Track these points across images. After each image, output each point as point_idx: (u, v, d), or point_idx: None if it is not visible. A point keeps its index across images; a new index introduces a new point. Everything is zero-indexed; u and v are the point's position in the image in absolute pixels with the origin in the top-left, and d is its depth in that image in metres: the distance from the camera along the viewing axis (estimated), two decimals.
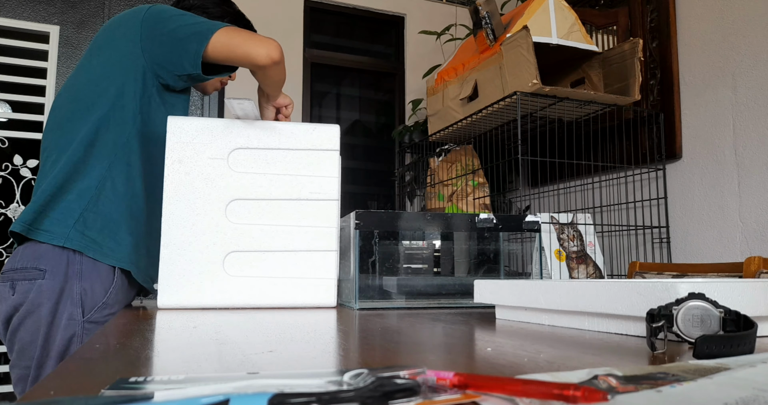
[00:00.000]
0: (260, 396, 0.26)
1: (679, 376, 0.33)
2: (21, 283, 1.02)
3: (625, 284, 0.56)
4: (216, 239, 1.01)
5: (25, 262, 1.02)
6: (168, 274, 0.99)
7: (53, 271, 1.01)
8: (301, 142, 1.06)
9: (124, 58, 1.09)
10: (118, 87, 1.08)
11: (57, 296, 1.01)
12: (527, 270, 1.31)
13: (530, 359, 0.43)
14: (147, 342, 0.55)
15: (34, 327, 1.01)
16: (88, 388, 0.33)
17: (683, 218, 2.07)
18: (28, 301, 1.01)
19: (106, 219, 1.05)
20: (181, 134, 1.03)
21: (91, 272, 1.03)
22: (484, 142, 2.39)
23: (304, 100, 2.86)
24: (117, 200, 1.06)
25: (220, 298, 1.01)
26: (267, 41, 1.04)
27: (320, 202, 1.06)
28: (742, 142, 1.88)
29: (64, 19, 2.53)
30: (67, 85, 1.14)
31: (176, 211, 1.01)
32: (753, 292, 0.52)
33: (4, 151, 2.37)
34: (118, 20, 1.14)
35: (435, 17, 3.14)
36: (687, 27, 2.08)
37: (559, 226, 1.71)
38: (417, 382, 0.30)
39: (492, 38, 2.02)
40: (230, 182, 1.03)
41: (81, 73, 1.13)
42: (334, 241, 1.06)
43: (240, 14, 1.32)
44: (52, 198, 1.04)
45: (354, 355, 0.47)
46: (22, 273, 1.02)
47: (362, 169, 3.06)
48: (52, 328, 1.01)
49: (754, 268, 1.41)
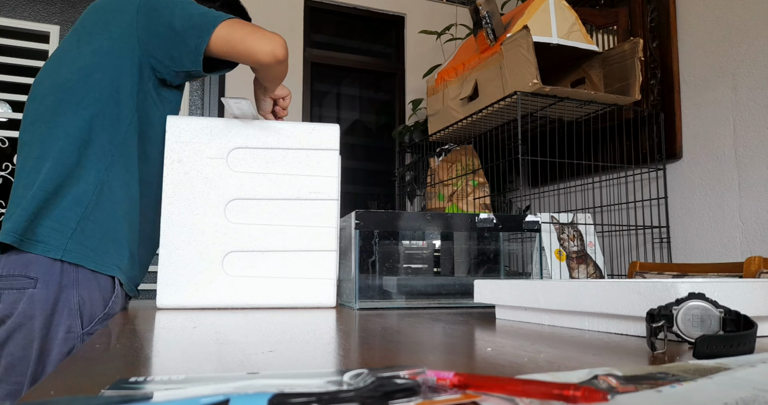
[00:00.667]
0: (260, 396, 0.26)
1: (679, 376, 0.33)
2: (8, 293, 0.93)
3: (625, 284, 0.56)
4: (215, 239, 1.01)
5: (12, 269, 0.93)
6: (167, 274, 0.99)
7: (46, 280, 0.93)
8: (300, 141, 1.06)
9: (118, 49, 1.00)
10: (112, 80, 0.99)
11: (51, 307, 0.93)
12: (527, 270, 1.31)
13: (530, 359, 0.43)
14: (147, 342, 0.55)
15: (26, 341, 0.92)
16: (88, 388, 0.33)
17: (683, 218, 2.07)
18: (18, 313, 0.92)
19: (105, 228, 0.98)
20: (180, 134, 1.03)
21: (89, 281, 0.96)
22: (485, 142, 2.39)
23: (304, 99, 2.86)
24: (115, 207, 0.99)
25: (220, 298, 1.00)
26: (272, 37, 0.98)
27: (320, 202, 1.06)
28: (743, 142, 1.88)
29: (64, 19, 2.53)
30: (50, 72, 1.03)
31: (175, 211, 1.01)
32: (753, 292, 0.52)
33: (4, 151, 2.37)
34: (111, 3, 1.04)
35: (435, 17, 3.14)
36: (687, 27, 2.08)
37: (559, 226, 1.71)
38: (417, 382, 0.30)
39: (492, 38, 2.02)
40: (230, 182, 1.03)
41: (68, 60, 1.02)
42: (334, 241, 1.06)
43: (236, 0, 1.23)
44: (45, 204, 0.94)
45: (354, 355, 0.47)
46: (8, 281, 0.93)
47: (362, 169, 3.06)
48: (47, 341, 0.93)
49: (755, 268, 1.41)
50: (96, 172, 0.98)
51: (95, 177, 0.98)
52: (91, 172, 0.98)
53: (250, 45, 0.97)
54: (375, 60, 3.11)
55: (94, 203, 0.97)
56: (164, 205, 1.01)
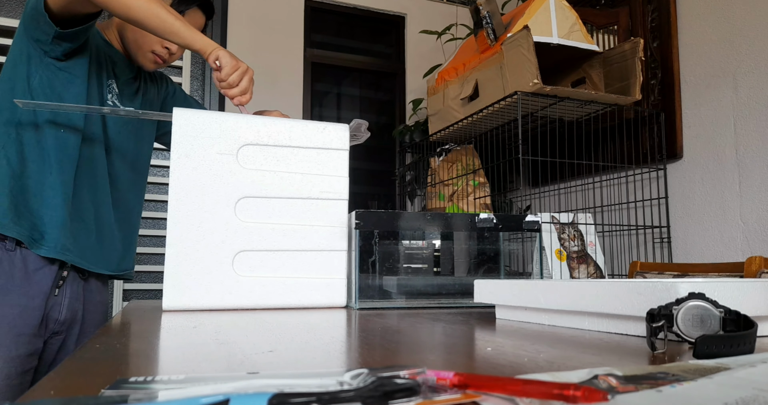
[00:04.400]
0: (260, 396, 0.26)
1: (679, 376, 0.33)
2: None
3: (625, 284, 0.56)
4: (225, 238, 0.98)
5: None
6: (173, 275, 0.95)
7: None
8: (311, 140, 1.05)
9: (17, 47, 1.15)
10: (11, 70, 1.14)
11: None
12: (527, 270, 1.31)
13: (530, 359, 0.43)
14: (147, 342, 0.55)
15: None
16: (88, 388, 0.33)
17: (684, 218, 2.07)
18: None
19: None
20: (187, 127, 0.99)
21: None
22: (485, 142, 2.39)
23: (305, 99, 2.86)
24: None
25: (229, 299, 0.97)
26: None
27: (330, 202, 1.05)
28: (743, 142, 1.88)
29: None
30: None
31: (182, 208, 0.97)
32: (753, 292, 0.52)
33: None
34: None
35: (435, 17, 3.14)
36: (688, 27, 2.08)
37: (559, 226, 1.71)
38: (417, 382, 0.30)
39: (493, 38, 2.02)
40: (240, 179, 1.00)
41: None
42: (344, 240, 1.05)
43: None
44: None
45: (354, 355, 0.47)
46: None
47: (363, 169, 3.06)
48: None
49: (755, 268, 1.41)
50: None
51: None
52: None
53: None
54: (375, 60, 3.11)
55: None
56: (171, 201, 0.97)
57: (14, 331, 1.06)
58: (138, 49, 1.26)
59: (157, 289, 2.53)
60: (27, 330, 1.08)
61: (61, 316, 1.15)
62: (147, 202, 2.60)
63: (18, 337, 1.06)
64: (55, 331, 1.15)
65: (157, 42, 1.24)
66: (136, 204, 1.33)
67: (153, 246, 2.57)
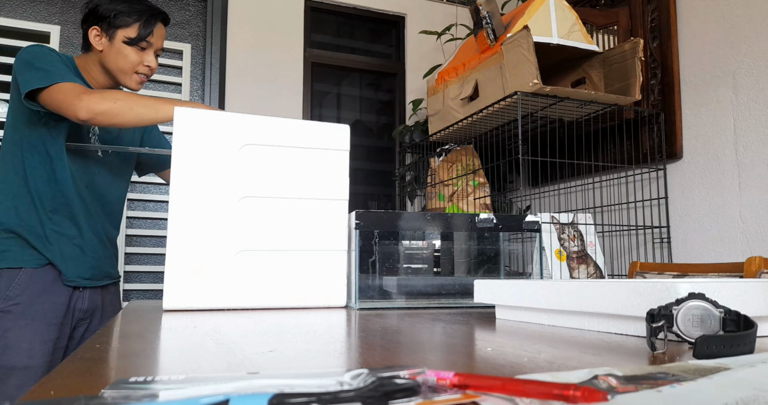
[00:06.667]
0: (260, 396, 0.26)
1: (679, 376, 0.33)
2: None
3: (625, 284, 0.56)
4: (227, 237, 0.98)
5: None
6: (174, 275, 0.95)
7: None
8: (312, 140, 1.05)
9: (16, 100, 1.35)
10: (13, 120, 1.36)
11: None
12: (527, 270, 1.31)
13: (530, 359, 0.43)
14: (147, 342, 0.55)
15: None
16: (88, 388, 0.33)
17: (684, 218, 2.07)
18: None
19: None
20: (188, 126, 0.98)
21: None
22: (485, 142, 2.39)
23: (305, 100, 2.86)
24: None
25: (230, 299, 0.97)
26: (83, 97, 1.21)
27: (330, 202, 1.05)
28: (743, 142, 1.88)
29: (65, 19, 2.53)
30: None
31: (183, 208, 0.97)
32: (753, 292, 0.52)
33: None
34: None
35: (435, 17, 3.14)
36: (687, 27, 2.08)
37: (559, 226, 1.71)
38: (417, 382, 0.30)
39: (492, 38, 2.02)
40: (241, 178, 1.00)
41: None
42: (344, 240, 1.05)
43: (151, 8, 1.41)
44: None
45: (354, 355, 0.47)
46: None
47: (363, 169, 3.06)
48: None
49: (755, 268, 1.41)
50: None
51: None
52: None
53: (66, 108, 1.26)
54: (375, 60, 3.11)
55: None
56: (171, 201, 0.97)
57: (46, 321, 1.33)
58: (123, 74, 1.41)
59: (157, 289, 2.53)
60: (55, 320, 1.35)
61: (84, 305, 1.41)
62: (147, 202, 2.60)
63: (49, 326, 1.34)
64: (80, 317, 1.41)
65: (139, 62, 1.41)
66: (113, 229, 1.54)
67: (153, 246, 2.57)
